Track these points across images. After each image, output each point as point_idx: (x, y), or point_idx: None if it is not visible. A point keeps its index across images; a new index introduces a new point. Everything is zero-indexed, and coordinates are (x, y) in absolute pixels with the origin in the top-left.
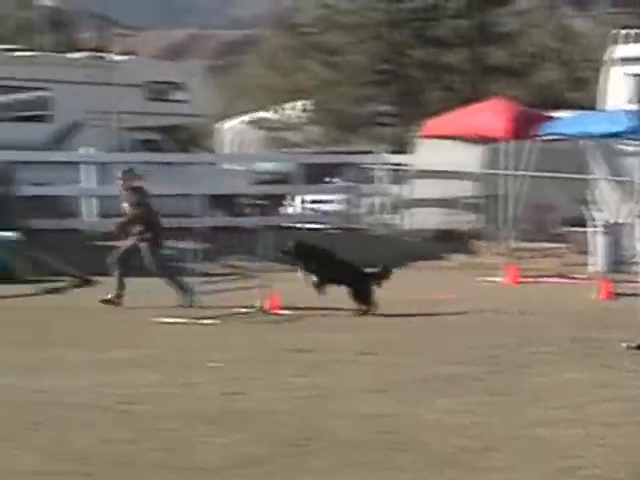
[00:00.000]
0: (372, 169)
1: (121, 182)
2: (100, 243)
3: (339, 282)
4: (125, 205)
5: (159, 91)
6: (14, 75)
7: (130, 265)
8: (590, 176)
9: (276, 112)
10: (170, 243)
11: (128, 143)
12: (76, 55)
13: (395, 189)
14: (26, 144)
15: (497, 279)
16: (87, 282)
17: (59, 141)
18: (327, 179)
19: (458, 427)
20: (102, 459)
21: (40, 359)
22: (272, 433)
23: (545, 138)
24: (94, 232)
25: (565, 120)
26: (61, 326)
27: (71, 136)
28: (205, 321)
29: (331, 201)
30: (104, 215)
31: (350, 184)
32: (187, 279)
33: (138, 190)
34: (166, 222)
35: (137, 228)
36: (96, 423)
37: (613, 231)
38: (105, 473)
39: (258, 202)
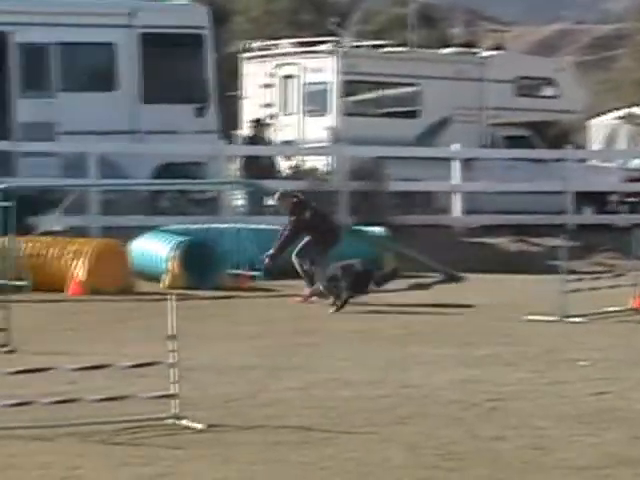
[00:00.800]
0: None
1: (279, 205)
2: (467, 239)
3: None
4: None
5: (529, 87)
6: (384, 71)
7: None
8: None
9: None
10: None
11: (493, 139)
12: (446, 51)
13: None
14: (395, 140)
15: None
16: (454, 278)
17: (428, 137)
18: None
19: None
20: (470, 455)
21: (407, 354)
22: None
23: None
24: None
25: None
26: (423, 321)
27: (440, 132)
28: (575, 319)
29: None
30: (469, 211)
31: None
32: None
33: (297, 205)
34: (535, 219)
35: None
36: (464, 419)
37: None
38: (472, 469)
39: (629, 200)
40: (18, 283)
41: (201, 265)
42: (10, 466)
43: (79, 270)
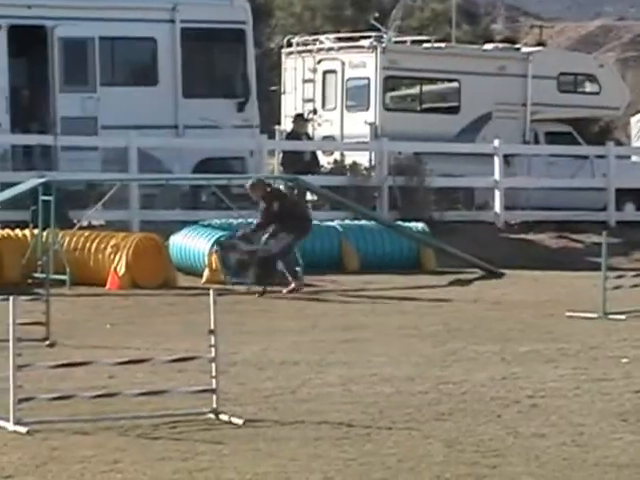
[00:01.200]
0: None
1: (251, 194)
2: (508, 236)
3: None
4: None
5: (571, 83)
6: (426, 67)
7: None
8: None
9: None
10: None
11: (535, 135)
12: (488, 47)
13: None
14: (436, 135)
15: None
16: (494, 274)
17: (468, 132)
18: None
19: None
20: (510, 452)
21: (447, 351)
22: None
23: None
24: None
25: None
26: (463, 318)
27: (480, 128)
28: (616, 316)
29: None
30: (510, 207)
31: None
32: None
33: (270, 195)
34: (576, 215)
35: (274, 227)
36: (504, 416)
37: None
38: (512, 466)
39: None
40: (58, 277)
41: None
42: (51, 460)
43: (119, 264)
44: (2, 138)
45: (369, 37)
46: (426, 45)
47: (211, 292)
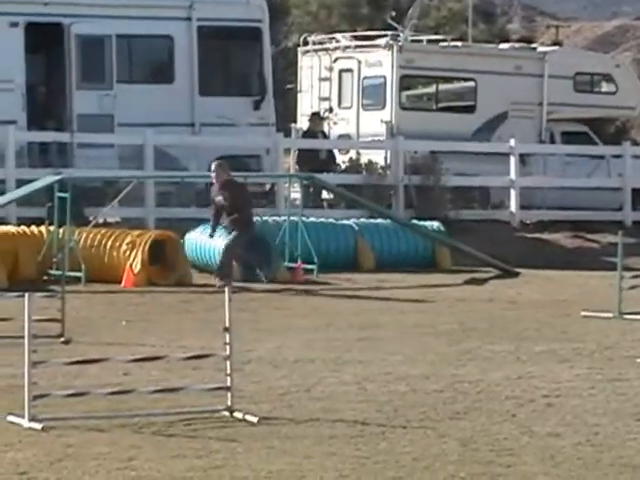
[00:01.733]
0: None
1: (214, 175)
2: (524, 235)
3: None
4: (219, 198)
5: (587, 83)
6: (442, 66)
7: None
8: None
9: None
10: None
11: (551, 135)
12: (504, 46)
13: None
14: (452, 134)
15: None
16: (510, 273)
17: (484, 132)
18: None
19: None
20: (525, 451)
21: (463, 350)
22: None
23: None
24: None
25: None
26: (478, 317)
27: (495, 127)
28: (631, 316)
29: None
30: (526, 207)
31: None
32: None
33: (229, 183)
34: (592, 215)
35: (232, 216)
36: (519, 415)
37: None
38: (527, 465)
39: None
40: (74, 274)
41: (257, 258)
42: (66, 456)
43: (134, 262)
44: (19, 135)
45: (385, 36)
46: (443, 44)
47: (226, 290)
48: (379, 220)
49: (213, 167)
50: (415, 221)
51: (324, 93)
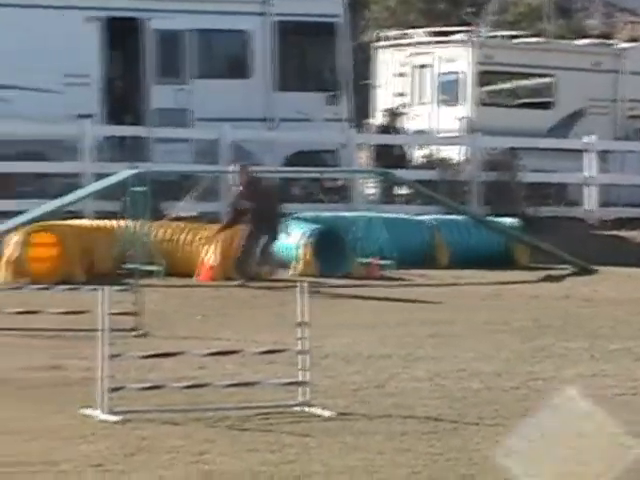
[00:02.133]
0: None
1: (238, 177)
2: (601, 232)
3: None
4: (244, 201)
5: None
6: (519, 62)
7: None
8: None
9: None
10: None
11: (629, 132)
12: (582, 42)
13: None
14: (529, 131)
15: None
16: (587, 271)
17: (560, 128)
18: None
19: None
20: (600, 449)
21: (537, 347)
22: None
23: None
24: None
25: None
26: (553, 314)
27: (573, 124)
28: None
29: None
30: (603, 204)
31: None
32: None
33: (253, 183)
34: None
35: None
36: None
37: None
38: (602, 463)
39: None
40: (150, 268)
41: (332, 253)
42: (140, 449)
43: (210, 256)
44: (95, 129)
45: (462, 32)
46: (520, 40)
47: (299, 285)
48: (455, 216)
49: (233, 169)
50: (492, 217)
51: (400, 89)
